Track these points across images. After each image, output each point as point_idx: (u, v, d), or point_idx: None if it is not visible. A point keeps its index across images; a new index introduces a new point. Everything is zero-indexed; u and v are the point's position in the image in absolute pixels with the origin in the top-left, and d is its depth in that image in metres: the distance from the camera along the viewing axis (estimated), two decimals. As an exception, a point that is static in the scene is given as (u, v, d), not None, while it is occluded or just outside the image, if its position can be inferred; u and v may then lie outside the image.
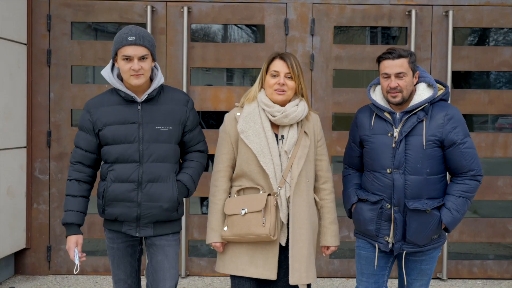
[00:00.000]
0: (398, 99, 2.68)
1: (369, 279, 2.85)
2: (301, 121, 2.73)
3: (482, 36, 4.86)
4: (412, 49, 4.36)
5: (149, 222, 2.66)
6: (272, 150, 2.64)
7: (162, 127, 2.65)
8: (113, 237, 2.73)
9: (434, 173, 2.69)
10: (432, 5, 4.44)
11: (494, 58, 4.48)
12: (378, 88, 2.84)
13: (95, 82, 4.85)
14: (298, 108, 2.68)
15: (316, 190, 2.81)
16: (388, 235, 2.74)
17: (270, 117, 2.68)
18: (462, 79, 4.94)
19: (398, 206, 2.69)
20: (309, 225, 2.69)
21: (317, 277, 3.86)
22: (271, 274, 2.64)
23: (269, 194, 2.63)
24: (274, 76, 2.67)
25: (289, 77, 2.67)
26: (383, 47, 3.96)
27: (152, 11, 4.39)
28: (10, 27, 4.17)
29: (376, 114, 2.79)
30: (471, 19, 4.47)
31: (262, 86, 2.76)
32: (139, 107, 2.65)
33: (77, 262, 2.62)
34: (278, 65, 2.67)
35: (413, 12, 4.39)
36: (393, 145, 2.70)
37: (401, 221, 2.70)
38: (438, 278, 4.47)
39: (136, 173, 2.60)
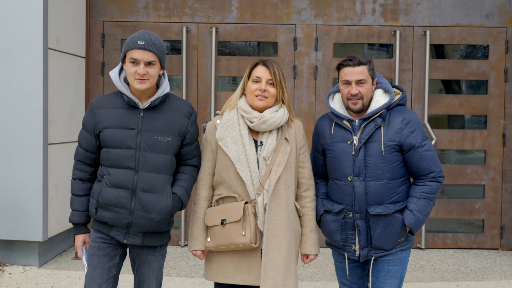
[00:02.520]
0: (358, 106, 2.63)
1: (352, 286, 2.87)
2: (281, 127, 2.67)
3: (458, 51, 5.87)
4: (397, 62, 5.36)
5: (139, 231, 2.59)
6: (249, 157, 2.58)
7: (161, 137, 2.56)
8: (98, 236, 2.64)
9: (394, 178, 2.65)
10: (413, 26, 5.43)
11: (463, 69, 5.49)
12: (337, 96, 2.79)
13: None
14: (276, 114, 2.62)
15: (298, 197, 2.73)
16: (355, 243, 2.70)
17: (248, 123, 2.61)
18: (457, 84, 5.82)
19: (360, 213, 2.65)
20: (288, 232, 2.60)
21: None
22: (256, 280, 2.60)
23: (246, 202, 2.57)
24: (256, 81, 2.61)
25: (271, 84, 2.61)
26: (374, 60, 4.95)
27: (187, 31, 5.38)
28: (73, 44, 5.17)
29: (335, 122, 2.73)
30: (445, 37, 5.46)
31: (243, 93, 2.70)
32: (142, 113, 2.57)
33: (85, 262, 2.66)
34: (261, 71, 2.61)
35: (398, 32, 5.37)
36: (353, 152, 2.65)
37: (364, 228, 2.66)
38: (418, 247, 5.46)
39: (131, 180, 2.53)
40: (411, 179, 2.78)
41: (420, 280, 4.54)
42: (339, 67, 2.70)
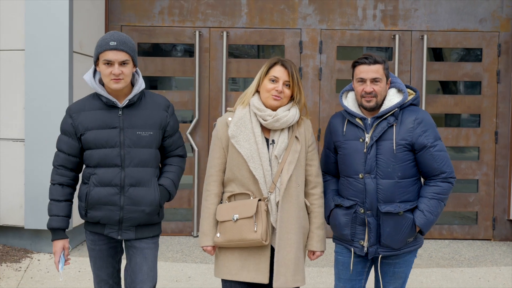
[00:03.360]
0: (372, 103, 2.65)
1: (346, 284, 2.84)
2: (292, 126, 2.68)
3: (452, 54, 6.22)
4: (396, 64, 5.70)
5: (131, 225, 2.64)
6: (262, 155, 2.59)
7: (143, 132, 2.61)
8: (95, 239, 2.71)
9: (405, 177, 2.65)
10: (411, 30, 5.77)
11: (458, 71, 5.84)
12: (350, 94, 2.80)
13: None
14: (289, 113, 2.63)
15: (305, 195, 2.74)
16: (363, 239, 2.70)
17: (262, 121, 2.62)
18: (453, 85, 6.16)
19: (371, 210, 2.65)
20: (298, 230, 2.64)
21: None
22: (263, 278, 2.62)
23: (259, 200, 2.59)
24: (273, 81, 2.61)
25: (287, 85, 2.62)
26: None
27: (199, 35, 5.72)
28: (93, 47, 5.52)
29: (348, 120, 2.74)
30: (441, 41, 5.81)
31: (257, 90, 2.70)
32: (120, 112, 2.61)
33: (61, 270, 2.65)
34: (279, 72, 2.62)
35: (397, 36, 5.71)
36: (365, 150, 2.66)
37: (375, 225, 2.67)
38: (415, 238, 5.83)
39: (118, 177, 2.58)
40: (422, 180, 2.80)
41: (417, 266, 4.89)
42: (355, 64, 2.72)
